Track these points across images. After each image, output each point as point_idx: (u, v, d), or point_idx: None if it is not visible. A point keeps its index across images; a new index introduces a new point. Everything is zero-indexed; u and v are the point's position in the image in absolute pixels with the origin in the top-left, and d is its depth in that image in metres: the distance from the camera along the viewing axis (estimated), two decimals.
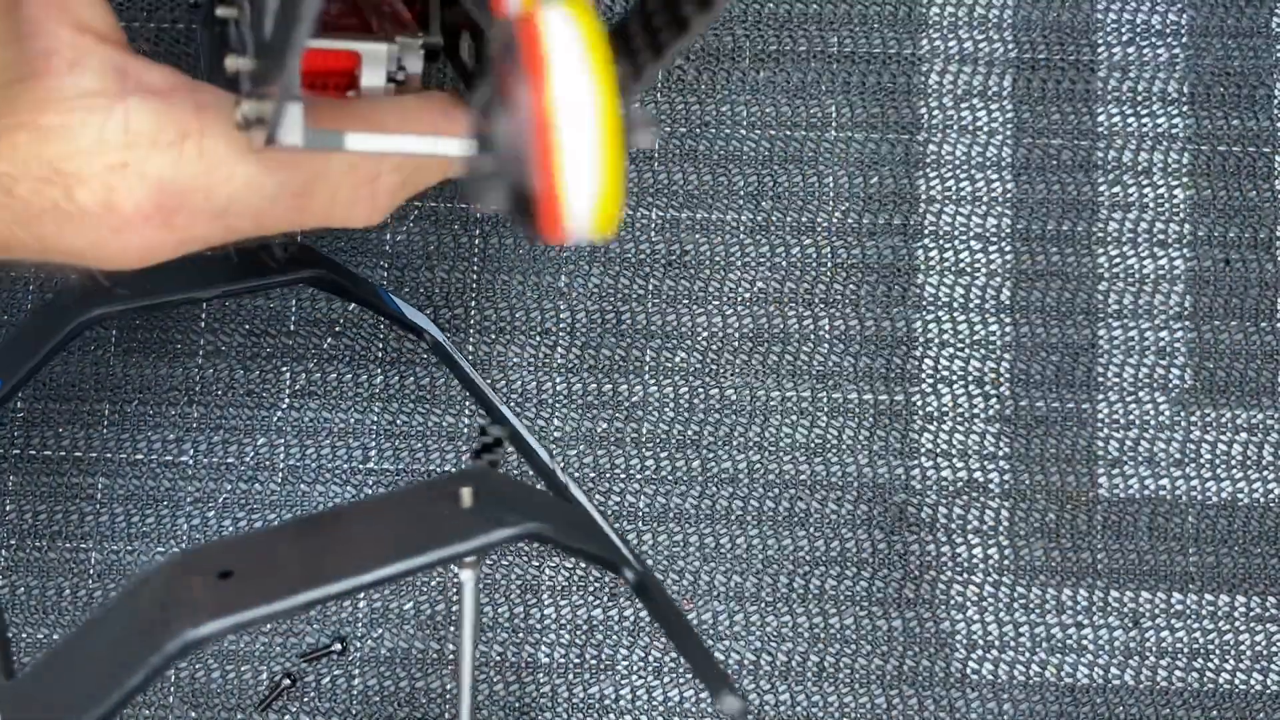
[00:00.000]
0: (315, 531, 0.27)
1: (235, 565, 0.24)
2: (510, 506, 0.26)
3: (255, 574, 0.24)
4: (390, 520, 0.26)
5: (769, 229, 0.38)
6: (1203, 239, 0.39)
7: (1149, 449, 0.38)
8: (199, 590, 0.24)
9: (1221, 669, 0.37)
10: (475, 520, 0.25)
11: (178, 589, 0.24)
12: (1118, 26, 0.39)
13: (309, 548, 0.26)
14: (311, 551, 0.26)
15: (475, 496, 0.26)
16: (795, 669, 0.37)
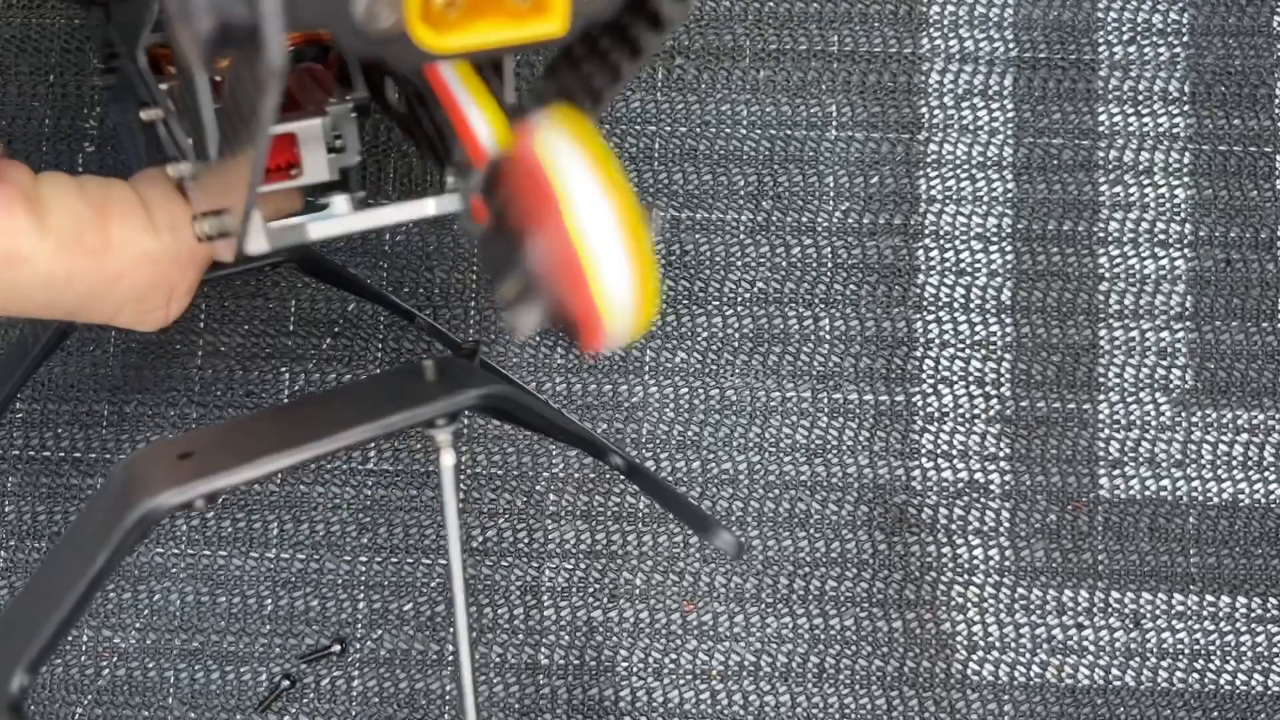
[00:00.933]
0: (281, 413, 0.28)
1: (195, 448, 0.25)
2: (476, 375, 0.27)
3: (215, 452, 0.25)
4: (357, 398, 0.27)
5: (769, 229, 0.38)
6: (1204, 239, 0.38)
7: (1150, 450, 0.38)
8: (159, 469, 0.24)
9: (1223, 670, 0.37)
10: (441, 388, 0.25)
11: (138, 473, 0.24)
12: (1119, 25, 0.39)
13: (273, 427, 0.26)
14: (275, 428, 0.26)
15: (440, 371, 0.26)
16: (796, 670, 0.37)
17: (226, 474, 0.24)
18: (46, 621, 0.24)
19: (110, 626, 0.37)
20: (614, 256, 0.18)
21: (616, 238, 0.18)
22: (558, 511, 0.37)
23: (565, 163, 0.18)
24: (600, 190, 0.18)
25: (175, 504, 0.23)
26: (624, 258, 0.18)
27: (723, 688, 0.37)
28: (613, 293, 0.18)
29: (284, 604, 0.37)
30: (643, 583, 0.37)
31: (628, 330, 0.19)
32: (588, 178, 0.18)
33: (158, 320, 0.27)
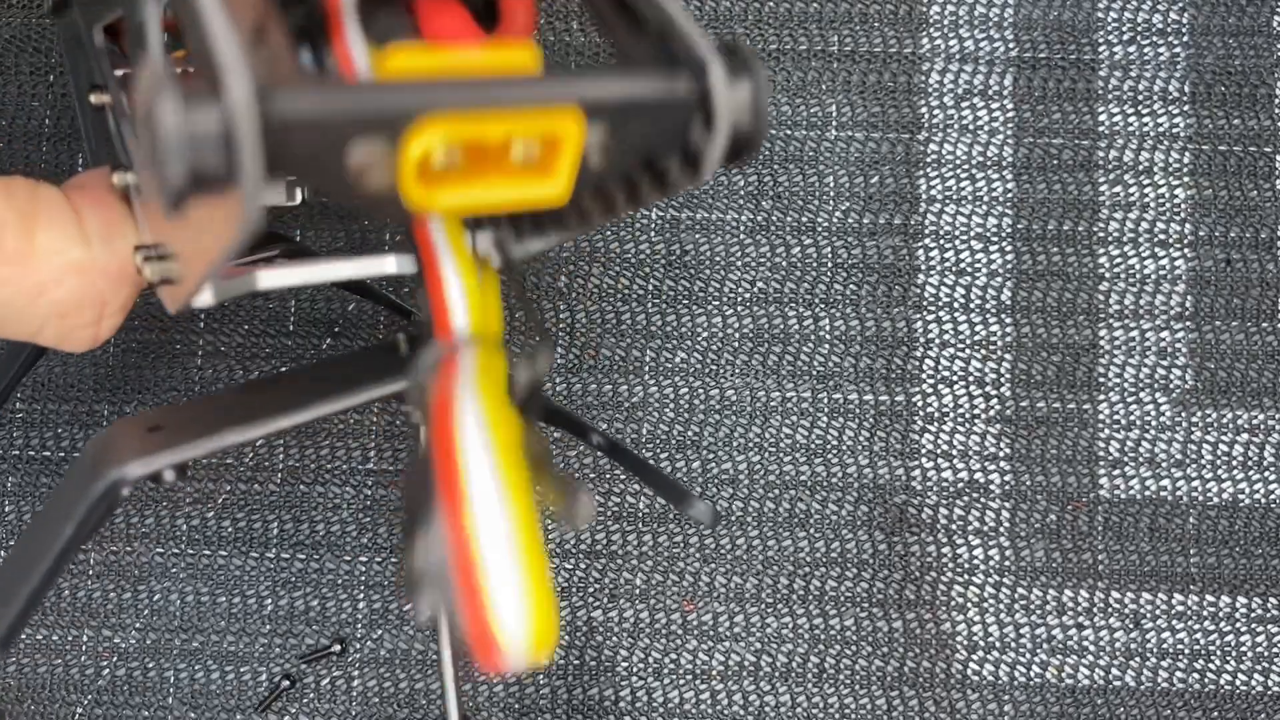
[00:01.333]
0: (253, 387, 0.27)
1: (164, 421, 0.25)
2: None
3: (184, 424, 0.25)
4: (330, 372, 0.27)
5: (769, 229, 0.38)
6: (1204, 239, 0.38)
7: (1150, 449, 0.38)
8: (126, 441, 0.24)
9: (1223, 670, 0.37)
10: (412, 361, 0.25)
11: (106, 446, 0.24)
12: (1118, 25, 0.39)
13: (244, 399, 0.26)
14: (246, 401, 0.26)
15: (413, 345, 0.26)
16: (795, 670, 0.37)
17: (194, 444, 0.24)
18: (15, 596, 0.24)
19: (110, 626, 0.37)
20: (508, 581, 0.16)
21: (513, 561, 0.16)
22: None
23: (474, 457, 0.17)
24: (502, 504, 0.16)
25: (141, 474, 0.23)
26: (518, 584, 0.16)
27: (723, 688, 0.37)
28: (506, 618, 0.16)
29: (284, 604, 0.37)
30: (642, 582, 0.37)
31: (522, 657, 0.17)
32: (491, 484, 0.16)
33: (85, 340, 0.26)
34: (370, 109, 0.17)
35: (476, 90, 0.17)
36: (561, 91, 0.18)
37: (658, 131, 0.19)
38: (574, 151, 0.18)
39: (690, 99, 0.19)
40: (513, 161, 0.18)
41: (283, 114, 0.16)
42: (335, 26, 0.21)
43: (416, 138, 0.17)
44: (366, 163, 0.17)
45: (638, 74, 0.19)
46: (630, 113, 0.19)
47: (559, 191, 0.19)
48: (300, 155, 0.17)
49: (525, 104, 0.18)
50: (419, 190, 0.18)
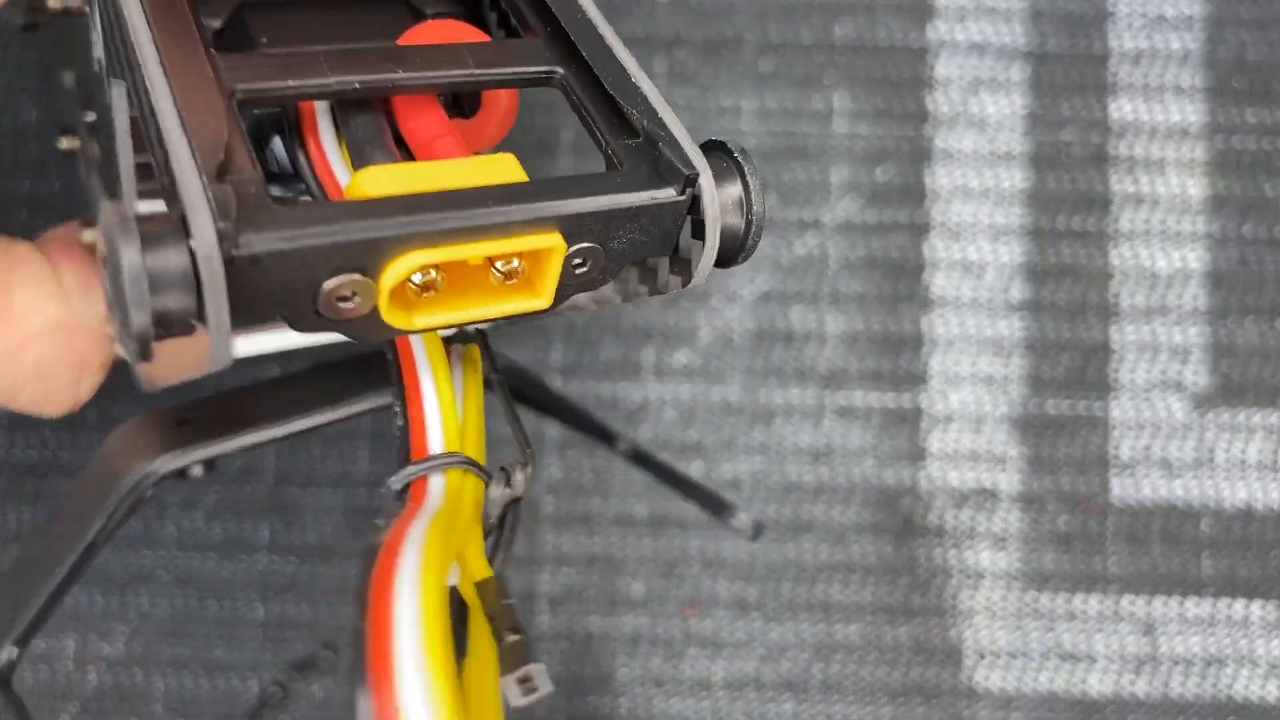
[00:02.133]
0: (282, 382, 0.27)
1: (193, 415, 0.24)
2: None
3: (214, 418, 0.24)
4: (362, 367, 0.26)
5: (772, 225, 0.38)
6: (1218, 235, 0.38)
7: (1163, 452, 0.37)
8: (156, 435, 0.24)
9: (1237, 676, 0.37)
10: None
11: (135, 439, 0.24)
12: (1130, 17, 0.39)
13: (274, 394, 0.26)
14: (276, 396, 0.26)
15: None
16: (799, 680, 0.37)
17: (226, 439, 0.23)
18: (37, 594, 0.23)
19: (96, 633, 0.36)
20: None
21: None
22: (555, 517, 0.37)
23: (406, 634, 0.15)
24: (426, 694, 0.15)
25: (174, 468, 0.23)
26: None
27: (725, 698, 0.36)
28: None
29: (275, 610, 0.36)
30: (642, 590, 0.37)
31: None
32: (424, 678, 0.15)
33: (65, 403, 0.25)
34: (345, 243, 0.16)
35: (455, 217, 0.17)
36: (543, 212, 0.17)
37: (646, 239, 0.19)
38: (557, 267, 0.18)
39: (679, 208, 0.19)
40: (493, 278, 0.18)
41: (253, 254, 0.16)
42: (309, 129, 0.20)
43: (393, 267, 0.16)
44: (341, 293, 0.16)
45: (624, 185, 0.18)
46: (616, 224, 0.18)
47: (543, 304, 0.18)
48: (271, 291, 0.16)
49: (506, 228, 0.17)
50: (397, 314, 0.17)
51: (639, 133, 0.19)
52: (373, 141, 0.20)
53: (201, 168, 0.16)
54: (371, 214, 0.16)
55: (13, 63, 0.38)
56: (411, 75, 0.19)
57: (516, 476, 0.20)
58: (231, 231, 0.15)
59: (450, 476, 0.19)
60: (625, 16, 0.38)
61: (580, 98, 0.20)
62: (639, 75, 0.20)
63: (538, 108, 0.37)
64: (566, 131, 0.38)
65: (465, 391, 0.21)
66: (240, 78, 0.18)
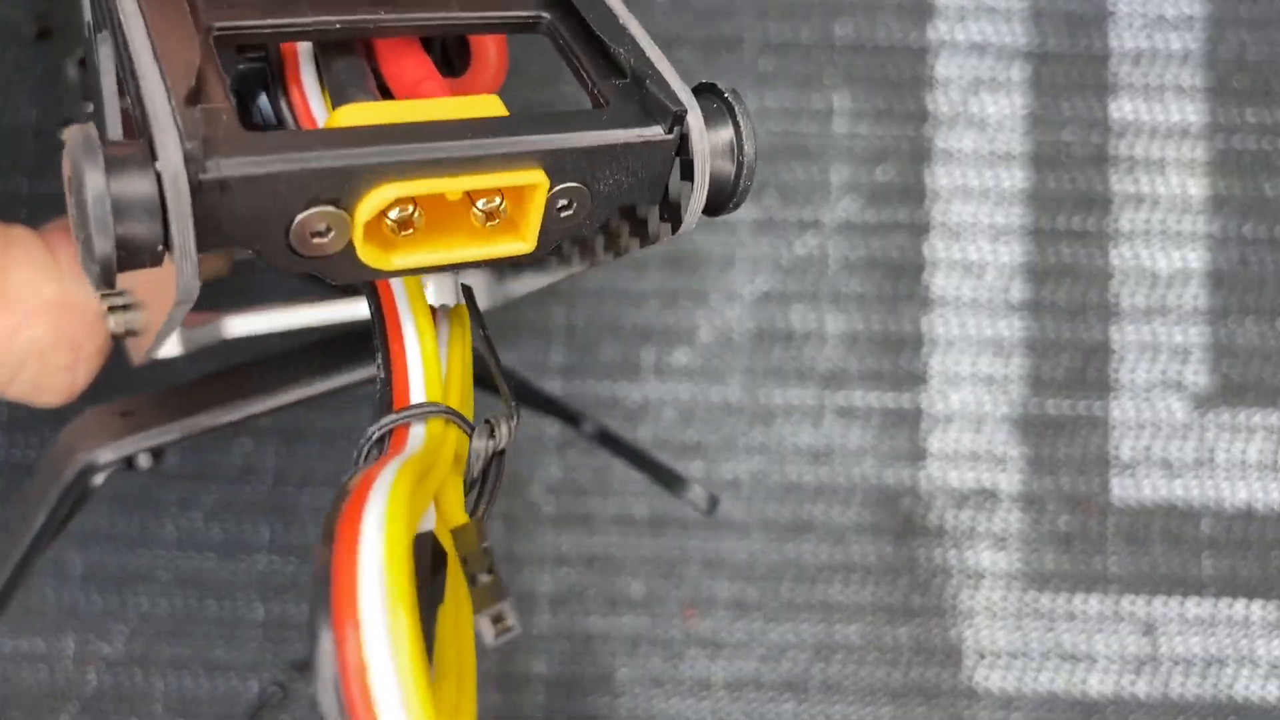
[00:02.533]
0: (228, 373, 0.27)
1: (138, 406, 0.24)
2: None
3: (157, 409, 0.24)
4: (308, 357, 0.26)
5: (772, 225, 0.38)
6: (1218, 235, 0.38)
7: (1163, 451, 0.37)
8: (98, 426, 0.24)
9: (1237, 677, 0.36)
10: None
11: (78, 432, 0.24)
12: (1130, 16, 0.39)
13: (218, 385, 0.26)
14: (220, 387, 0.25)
15: None
16: (799, 680, 0.36)
17: (167, 428, 0.23)
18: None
19: (96, 633, 0.36)
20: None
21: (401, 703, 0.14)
22: (555, 517, 0.37)
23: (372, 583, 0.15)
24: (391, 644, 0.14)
25: (113, 458, 0.23)
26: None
27: (725, 697, 0.36)
28: None
29: (274, 610, 0.36)
30: (642, 590, 0.36)
31: None
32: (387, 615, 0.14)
33: (63, 386, 0.25)
34: (317, 171, 0.16)
35: (432, 148, 0.16)
36: (525, 146, 0.17)
37: (634, 181, 0.18)
38: (540, 207, 0.17)
39: (667, 148, 0.18)
40: (474, 218, 0.17)
41: (220, 178, 0.15)
42: (291, 75, 0.20)
43: (368, 200, 0.16)
44: (314, 226, 0.16)
45: (609, 121, 0.18)
46: (602, 164, 0.18)
47: (526, 248, 0.18)
48: (241, 220, 0.16)
49: (485, 162, 0.17)
50: (373, 253, 0.17)
51: (626, 73, 0.19)
52: (354, 84, 0.19)
53: (171, 93, 0.16)
54: (346, 142, 0.16)
55: (12, 61, 0.37)
56: (393, 17, 0.19)
57: (501, 429, 0.19)
58: (199, 155, 0.15)
59: (431, 426, 0.18)
60: None
61: (567, 40, 0.20)
62: (626, 16, 0.19)
63: (544, 82, 0.37)
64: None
65: (450, 346, 0.20)
66: (218, 15, 0.18)
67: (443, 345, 0.20)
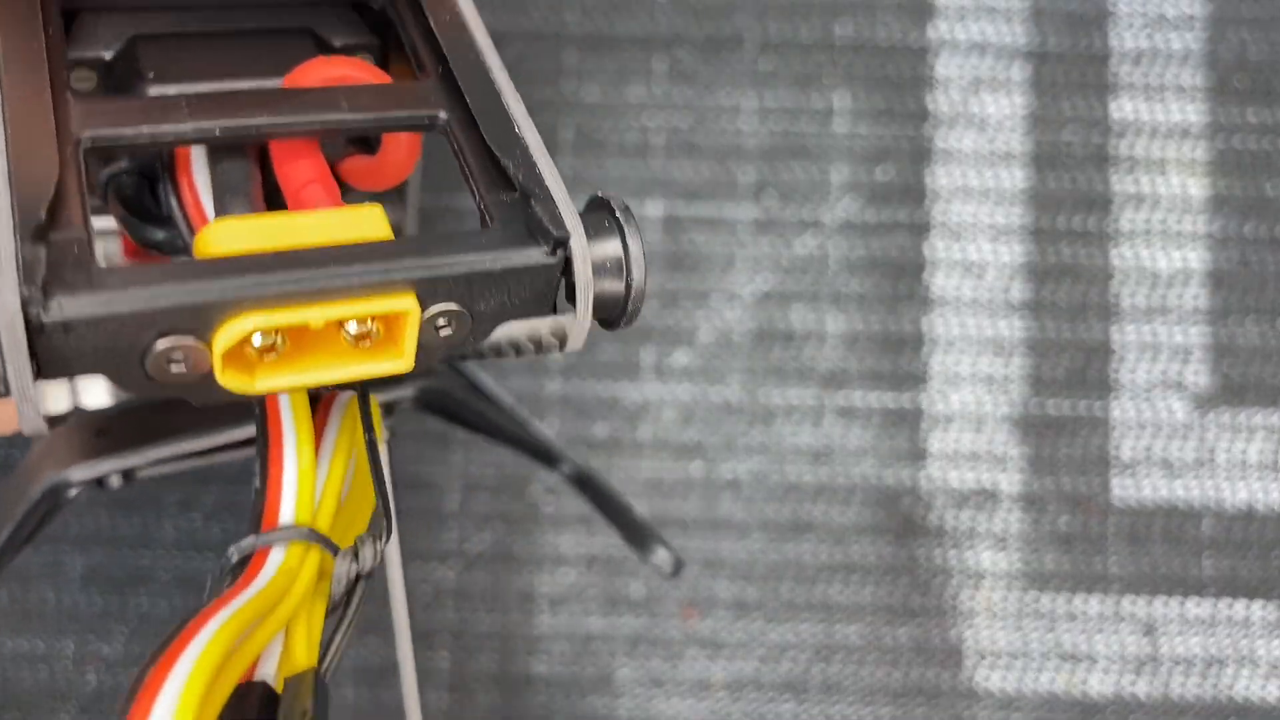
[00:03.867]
0: None
1: (113, 425, 0.24)
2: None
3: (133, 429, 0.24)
4: None
5: (772, 225, 0.38)
6: (1219, 235, 0.38)
7: (1164, 452, 0.37)
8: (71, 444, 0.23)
9: (1237, 677, 0.36)
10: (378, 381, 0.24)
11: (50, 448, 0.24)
12: (1131, 16, 0.39)
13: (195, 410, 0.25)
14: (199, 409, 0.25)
15: None
16: (799, 680, 0.36)
17: (140, 451, 0.23)
18: None
19: (96, 634, 0.36)
20: None
21: None
22: (555, 517, 0.37)
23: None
24: None
25: (84, 478, 0.23)
26: None
27: (725, 698, 0.36)
28: None
29: None
30: (642, 590, 0.36)
31: None
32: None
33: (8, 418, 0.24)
34: (168, 309, 0.15)
35: (293, 278, 0.16)
36: (395, 273, 0.16)
37: (517, 302, 0.17)
38: (414, 331, 0.17)
39: (550, 271, 0.17)
40: (344, 341, 0.17)
41: (64, 320, 0.15)
42: (182, 172, 0.19)
43: (223, 330, 0.15)
44: (170, 356, 0.15)
45: (489, 244, 0.17)
46: (481, 286, 0.17)
47: (404, 367, 0.17)
48: (91, 354, 0.15)
49: (353, 290, 0.16)
50: (235, 377, 0.16)
51: (515, 187, 0.18)
52: (235, 189, 0.19)
53: (16, 227, 0.15)
54: (200, 276, 0.15)
55: None
56: (278, 120, 0.18)
57: (365, 552, 0.18)
58: (38, 296, 0.15)
59: (291, 551, 0.18)
60: (625, 16, 0.38)
61: (461, 146, 0.19)
62: (525, 125, 0.19)
63: (538, 109, 0.37)
64: (566, 131, 0.38)
65: (335, 450, 0.19)
66: (91, 124, 0.17)
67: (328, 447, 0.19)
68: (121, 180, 0.20)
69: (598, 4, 0.38)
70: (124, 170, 0.20)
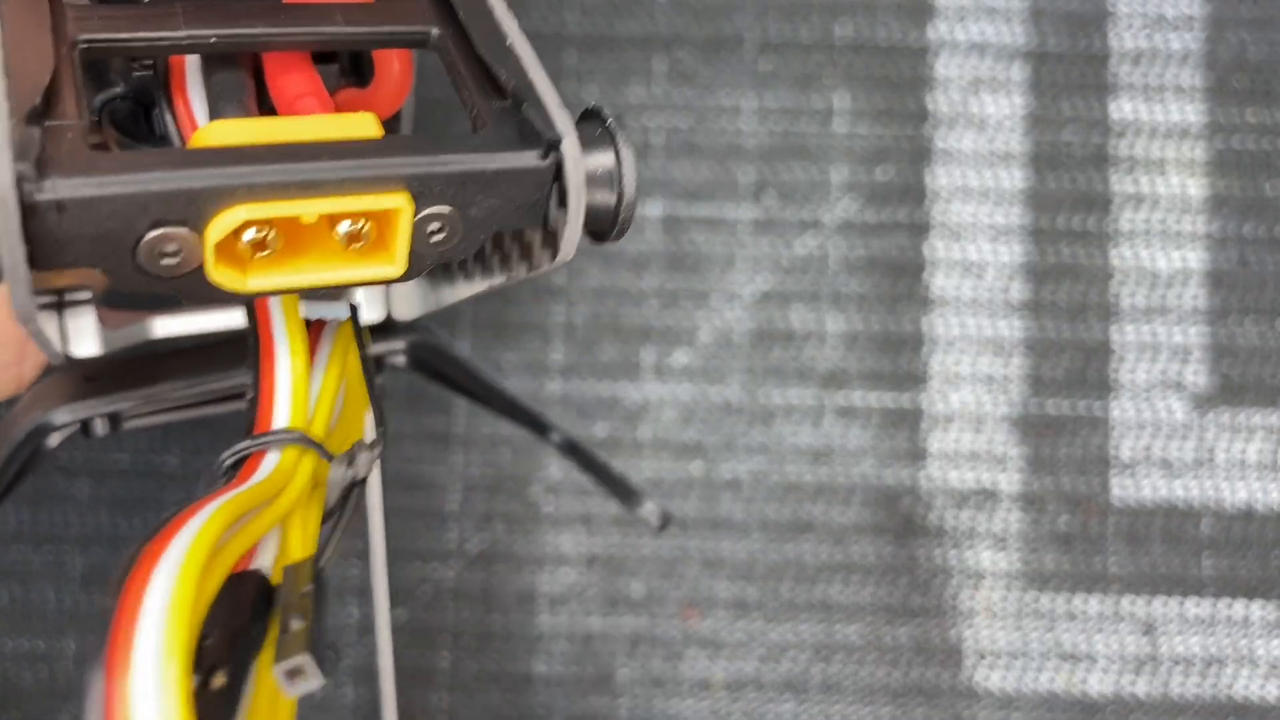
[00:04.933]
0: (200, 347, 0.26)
1: (103, 371, 0.24)
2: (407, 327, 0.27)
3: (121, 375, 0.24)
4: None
5: (771, 225, 0.38)
6: (1218, 235, 0.38)
7: (1163, 451, 0.37)
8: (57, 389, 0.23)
9: (1237, 676, 0.36)
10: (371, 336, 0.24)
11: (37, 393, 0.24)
12: (1130, 16, 0.39)
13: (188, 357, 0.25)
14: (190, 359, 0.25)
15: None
16: (799, 680, 0.36)
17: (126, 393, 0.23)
18: None
19: (96, 633, 0.36)
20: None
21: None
22: (555, 516, 0.37)
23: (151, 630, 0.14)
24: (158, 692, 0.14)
25: (67, 420, 0.23)
26: None
27: (725, 697, 0.36)
28: None
29: None
30: (642, 590, 0.36)
31: None
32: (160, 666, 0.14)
33: (9, 381, 0.24)
34: (161, 194, 0.15)
35: (286, 169, 0.16)
36: (388, 170, 0.16)
37: (509, 207, 0.17)
38: (406, 232, 0.17)
39: (542, 175, 0.17)
40: (336, 241, 0.17)
41: (56, 199, 0.15)
42: (177, 86, 0.19)
43: (216, 221, 0.15)
44: (162, 247, 0.15)
45: (482, 146, 0.17)
46: (473, 189, 0.17)
47: (395, 272, 0.17)
48: (83, 241, 0.15)
49: (345, 185, 0.16)
50: (227, 273, 0.16)
51: (507, 94, 0.18)
52: (229, 98, 0.19)
53: (12, 110, 0.15)
54: (194, 163, 0.15)
55: None
56: (272, 31, 0.18)
57: (360, 457, 0.18)
58: (32, 174, 0.15)
59: (286, 455, 0.18)
60: (625, 16, 0.38)
61: (455, 59, 0.19)
62: (516, 35, 0.19)
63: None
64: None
65: (329, 366, 0.19)
66: (86, 28, 0.17)
67: (320, 364, 0.19)
68: (116, 105, 0.20)
69: (598, 4, 0.38)
70: (118, 95, 0.20)
